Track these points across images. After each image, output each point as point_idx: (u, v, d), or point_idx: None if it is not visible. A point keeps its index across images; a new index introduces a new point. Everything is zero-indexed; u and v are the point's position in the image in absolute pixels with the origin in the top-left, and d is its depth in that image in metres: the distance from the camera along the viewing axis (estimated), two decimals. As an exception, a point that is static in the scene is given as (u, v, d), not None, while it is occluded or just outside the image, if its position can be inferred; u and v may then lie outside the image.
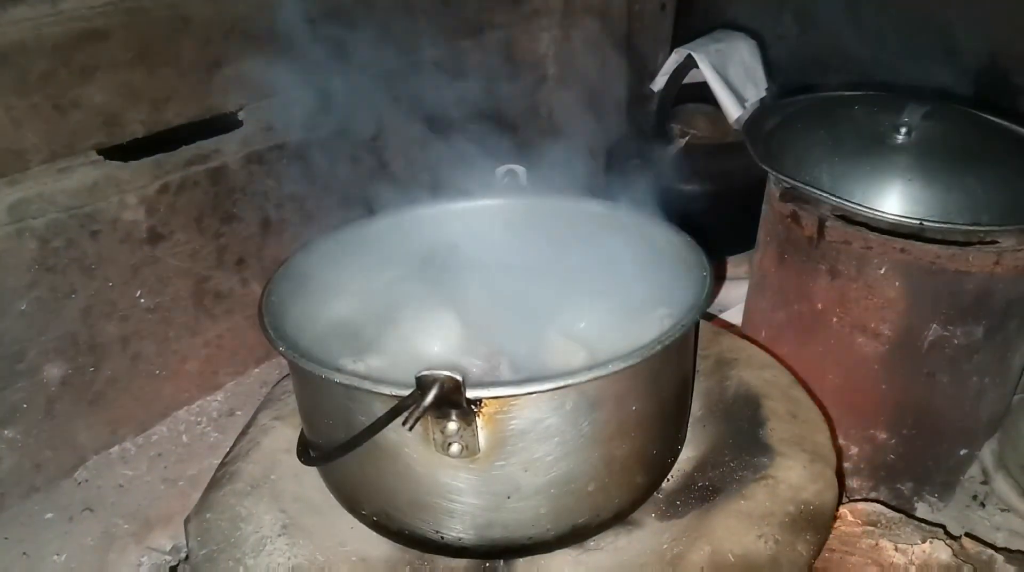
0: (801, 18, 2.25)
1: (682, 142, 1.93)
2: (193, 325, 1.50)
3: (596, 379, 0.80)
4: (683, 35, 2.16)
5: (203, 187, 1.43)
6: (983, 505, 1.38)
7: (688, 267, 0.99)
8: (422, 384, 0.76)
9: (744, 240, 2.06)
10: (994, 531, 1.35)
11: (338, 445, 0.84)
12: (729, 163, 1.89)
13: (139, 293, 1.40)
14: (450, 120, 1.82)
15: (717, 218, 2.02)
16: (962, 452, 1.35)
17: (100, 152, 1.29)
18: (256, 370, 1.63)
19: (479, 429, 0.80)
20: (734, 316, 1.78)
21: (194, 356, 1.52)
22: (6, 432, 1.29)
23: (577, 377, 0.79)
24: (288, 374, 1.19)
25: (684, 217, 2.08)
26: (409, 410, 0.76)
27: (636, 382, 0.85)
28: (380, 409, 0.80)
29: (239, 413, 1.54)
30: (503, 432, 0.81)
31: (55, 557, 1.28)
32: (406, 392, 0.77)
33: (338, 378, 0.81)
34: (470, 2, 1.82)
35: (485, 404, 0.79)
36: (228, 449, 1.11)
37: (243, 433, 1.12)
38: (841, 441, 1.33)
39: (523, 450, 0.82)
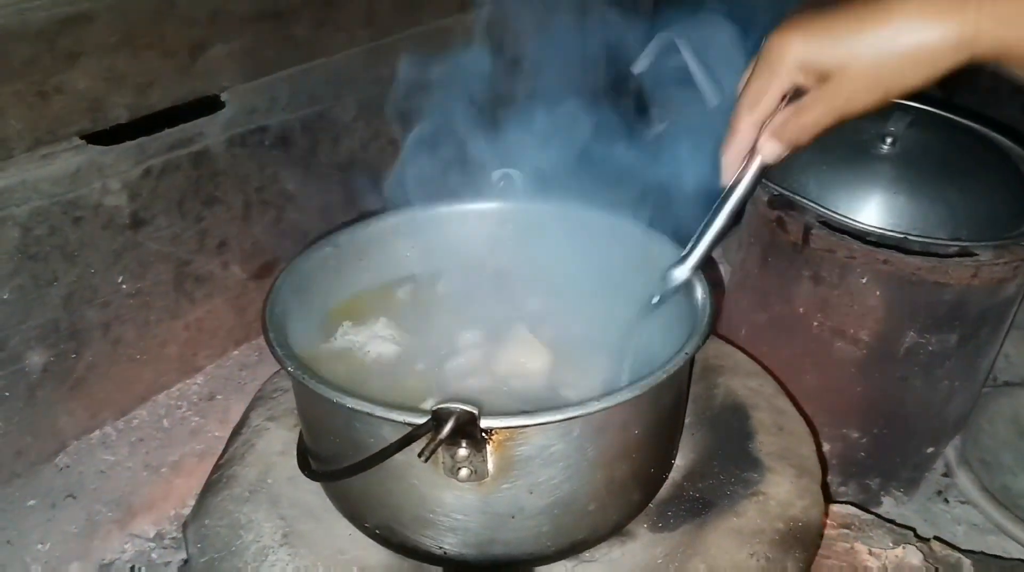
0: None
1: (661, 127, 1.94)
2: (174, 308, 1.48)
3: (605, 409, 0.81)
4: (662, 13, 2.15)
5: (185, 170, 1.41)
6: (946, 500, 1.44)
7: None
8: (438, 416, 0.77)
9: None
10: (955, 524, 1.41)
11: (345, 467, 0.85)
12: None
13: (120, 278, 1.38)
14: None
15: (694, 202, 2.03)
16: (929, 450, 1.41)
17: (83, 137, 1.26)
18: (235, 352, 1.62)
19: (488, 455, 0.82)
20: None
21: (174, 340, 1.51)
22: (-13, 421, 1.28)
23: (587, 408, 0.81)
24: (279, 370, 1.19)
25: (662, 201, 2.09)
26: (425, 443, 0.77)
27: (640, 408, 0.87)
28: (390, 434, 0.81)
29: (219, 397, 1.53)
30: (511, 457, 0.83)
31: (39, 546, 1.27)
32: (420, 420, 0.78)
33: (350, 403, 0.82)
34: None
35: (496, 432, 0.80)
36: (222, 451, 1.11)
37: (236, 433, 1.12)
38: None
39: (529, 474, 0.84)
